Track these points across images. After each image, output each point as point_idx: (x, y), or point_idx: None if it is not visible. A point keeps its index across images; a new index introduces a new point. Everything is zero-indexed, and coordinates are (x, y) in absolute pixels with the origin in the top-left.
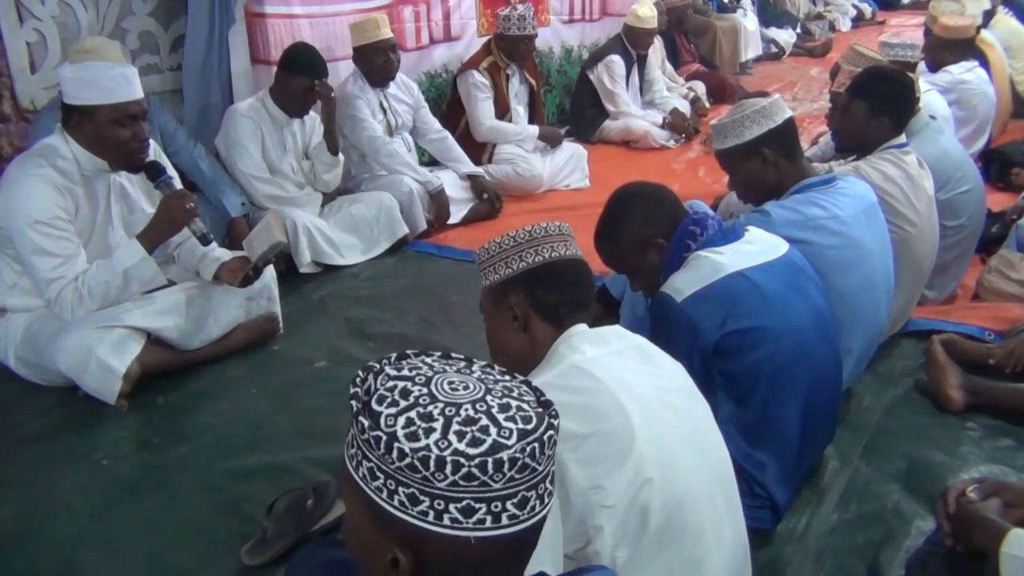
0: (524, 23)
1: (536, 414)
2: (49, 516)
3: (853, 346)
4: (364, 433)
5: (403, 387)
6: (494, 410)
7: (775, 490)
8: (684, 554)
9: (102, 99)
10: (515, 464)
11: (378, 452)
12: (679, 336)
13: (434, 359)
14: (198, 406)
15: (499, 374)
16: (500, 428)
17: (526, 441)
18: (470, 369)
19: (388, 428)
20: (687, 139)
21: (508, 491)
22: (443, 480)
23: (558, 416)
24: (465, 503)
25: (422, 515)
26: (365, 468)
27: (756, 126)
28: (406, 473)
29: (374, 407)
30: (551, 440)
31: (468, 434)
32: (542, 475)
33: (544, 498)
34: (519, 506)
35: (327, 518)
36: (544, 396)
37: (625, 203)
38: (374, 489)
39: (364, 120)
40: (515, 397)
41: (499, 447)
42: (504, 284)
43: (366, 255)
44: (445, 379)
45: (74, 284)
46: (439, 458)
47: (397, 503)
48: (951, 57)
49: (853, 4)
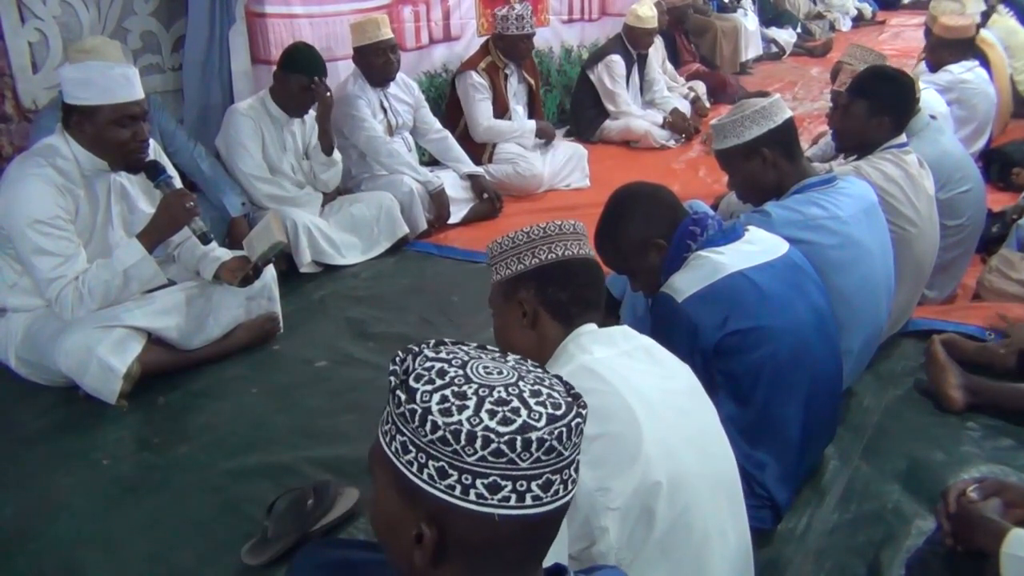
0: (522, 22)
1: (566, 402)
2: (49, 515)
3: (853, 346)
4: (400, 407)
5: (440, 367)
6: (526, 394)
7: (775, 490)
8: (689, 557)
9: (102, 99)
10: (543, 445)
11: (412, 425)
12: (680, 336)
13: (471, 347)
14: (198, 406)
15: (532, 366)
16: (531, 411)
17: (555, 425)
18: (504, 359)
19: (423, 403)
20: (687, 139)
21: (534, 471)
22: (472, 455)
23: (586, 408)
24: (492, 479)
25: (449, 489)
26: (398, 442)
27: (756, 126)
28: (437, 446)
29: (411, 384)
30: (578, 428)
31: (499, 413)
32: (567, 461)
33: (568, 484)
34: (543, 488)
35: (327, 518)
36: (574, 389)
37: (625, 203)
38: (405, 463)
39: (364, 120)
40: (546, 386)
41: (528, 428)
42: (515, 280)
43: (366, 255)
44: (480, 364)
45: (74, 284)
46: (470, 432)
47: (426, 476)
48: (951, 57)
49: (855, 5)
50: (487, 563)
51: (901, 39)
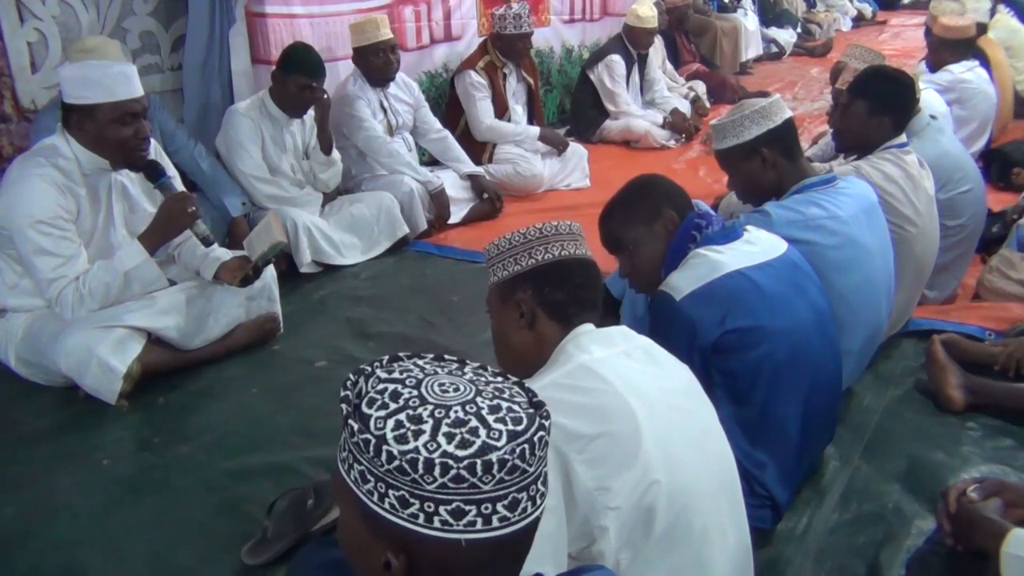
0: (520, 21)
1: (527, 415)
2: (50, 516)
3: (853, 346)
4: (354, 436)
5: (393, 389)
6: (484, 411)
7: (775, 489)
8: (689, 557)
9: (102, 97)
10: (504, 466)
11: (368, 455)
12: (678, 334)
13: (426, 361)
14: (198, 406)
15: (491, 375)
16: (490, 430)
17: (516, 443)
18: (462, 371)
19: (378, 431)
20: (687, 139)
21: (498, 493)
22: (432, 483)
23: (549, 417)
24: (455, 505)
25: (412, 518)
26: (356, 471)
27: (755, 126)
28: (396, 476)
29: (364, 410)
30: (542, 441)
31: (457, 436)
32: (533, 476)
33: (536, 500)
34: (510, 508)
35: (327, 518)
36: (536, 397)
37: (648, 178)
38: (365, 492)
39: (364, 120)
40: (506, 398)
41: (488, 448)
42: (512, 281)
43: (366, 255)
44: (436, 381)
45: (75, 284)
46: (428, 460)
47: (388, 506)
48: (951, 57)
49: (855, 5)
50: None
51: (901, 39)
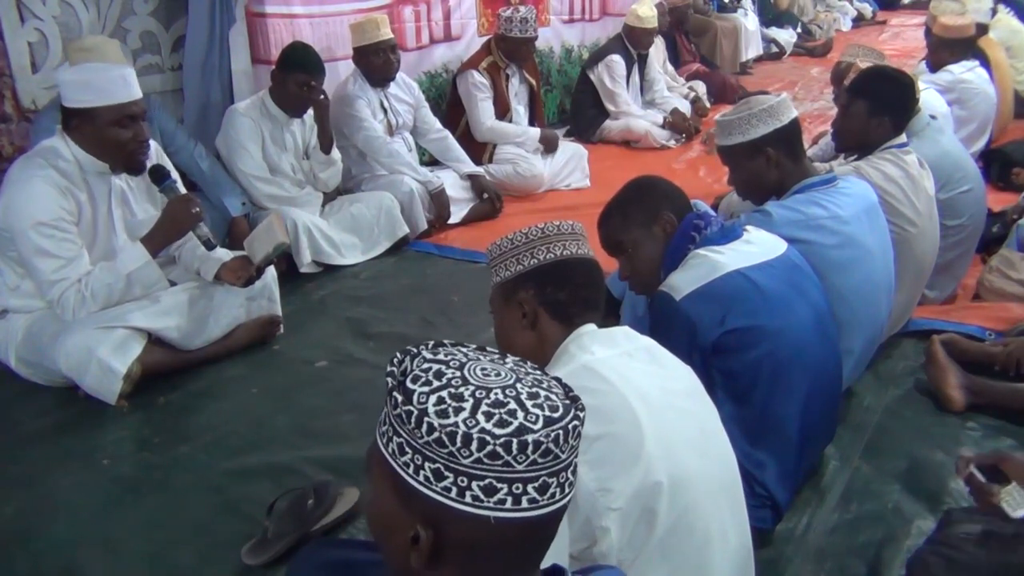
0: (526, 26)
1: (563, 405)
2: (50, 515)
3: (853, 346)
4: (396, 408)
5: (437, 369)
6: (523, 396)
7: (775, 489)
8: (689, 559)
9: (101, 101)
10: (539, 448)
11: (408, 427)
12: (678, 334)
13: (470, 349)
14: (198, 406)
15: (531, 368)
16: (527, 413)
17: (551, 427)
18: (503, 360)
19: (420, 404)
20: (687, 139)
21: (530, 474)
22: (468, 456)
23: (584, 411)
24: (488, 481)
25: (445, 491)
26: (395, 443)
27: (762, 125)
28: (433, 448)
29: (408, 385)
30: (575, 431)
31: (496, 415)
32: (564, 464)
33: (564, 487)
34: (540, 491)
35: (328, 518)
36: (573, 392)
37: (648, 179)
38: (402, 464)
39: (364, 120)
40: (544, 388)
41: (525, 430)
42: (514, 281)
43: (367, 255)
44: (478, 366)
45: (77, 287)
46: (466, 434)
47: (422, 478)
48: (951, 57)
49: (855, 5)
50: (484, 565)
51: (901, 39)
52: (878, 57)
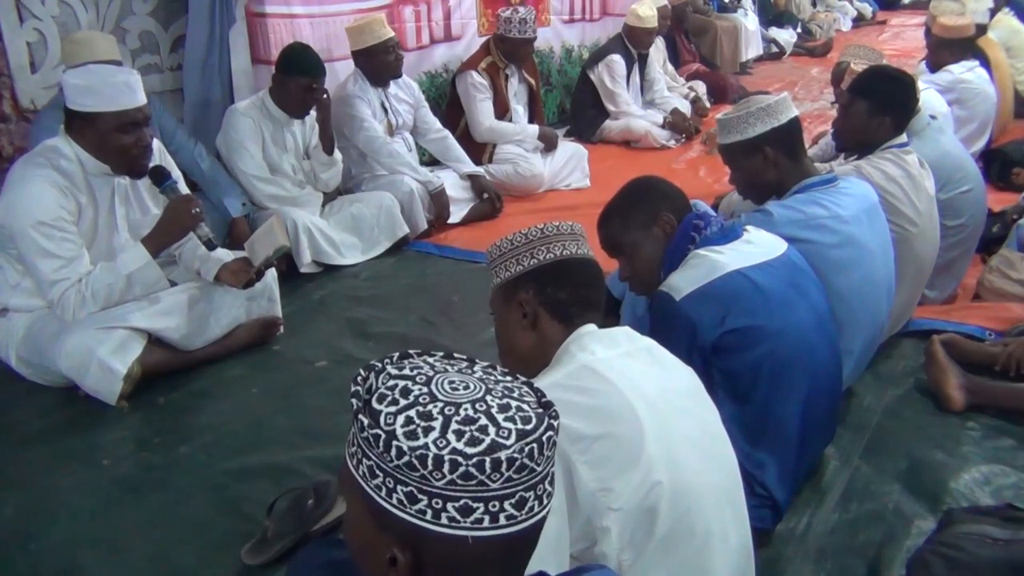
0: (525, 26)
1: (536, 415)
2: (50, 516)
3: (854, 346)
4: (364, 431)
5: (404, 386)
6: (493, 410)
7: (775, 489)
8: (690, 559)
9: (105, 106)
10: (513, 464)
11: (377, 450)
12: (678, 334)
13: (436, 359)
14: (198, 406)
15: (500, 375)
16: (499, 428)
17: (524, 441)
18: (471, 369)
19: (387, 426)
20: (687, 139)
21: (506, 491)
22: (441, 479)
23: (558, 417)
24: (463, 502)
25: (420, 514)
26: (365, 466)
27: (760, 123)
28: (404, 471)
29: (374, 405)
30: (550, 441)
31: (467, 433)
32: (541, 476)
33: (543, 499)
34: (517, 506)
35: (328, 518)
36: (545, 397)
37: (646, 180)
38: (373, 487)
39: (364, 120)
40: (515, 397)
41: (497, 447)
42: (515, 281)
43: (367, 255)
44: (446, 379)
45: (77, 286)
46: (437, 456)
47: (396, 501)
48: (951, 57)
49: (855, 5)
50: None
51: (901, 39)
52: (877, 57)
